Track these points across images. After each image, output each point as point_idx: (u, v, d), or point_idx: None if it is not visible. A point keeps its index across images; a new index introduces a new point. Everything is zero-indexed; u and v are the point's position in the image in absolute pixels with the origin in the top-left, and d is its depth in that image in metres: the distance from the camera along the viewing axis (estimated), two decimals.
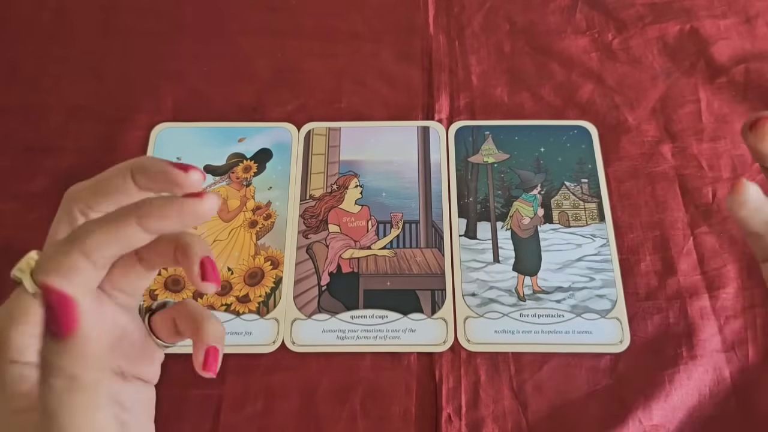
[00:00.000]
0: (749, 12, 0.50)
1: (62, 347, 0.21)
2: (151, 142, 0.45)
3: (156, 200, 0.21)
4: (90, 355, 0.22)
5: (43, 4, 0.52)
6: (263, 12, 0.51)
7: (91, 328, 0.21)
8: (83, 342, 0.21)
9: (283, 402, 0.37)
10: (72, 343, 0.21)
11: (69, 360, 0.21)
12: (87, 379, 0.22)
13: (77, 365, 0.21)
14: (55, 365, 0.21)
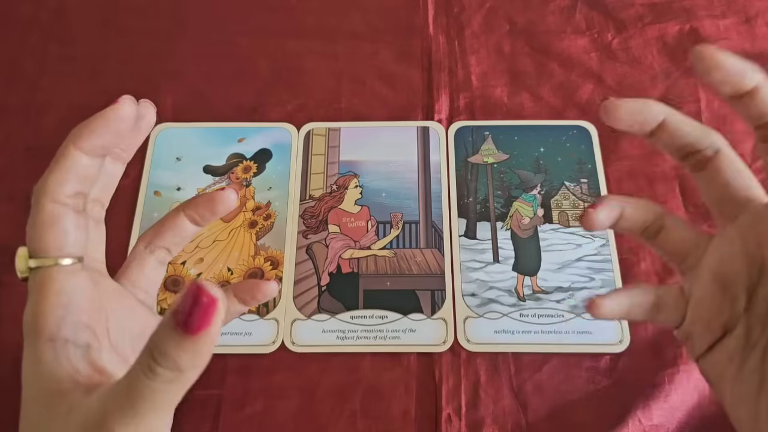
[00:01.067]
0: (749, 12, 0.50)
1: (186, 343, 0.21)
2: (151, 142, 0.45)
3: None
4: (204, 356, 0.22)
5: (43, 4, 0.52)
6: (263, 12, 0.51)
7: (217, 333, 0.21)
8: (206, 342, 0.21)
9: (283, 402, 0.37)
10: (197, 341, 0.21)
11: (186, 356, 0.22)
12: (189, 378, 0.22)
13: (190, 362, 0.22)
14: (170, 356, 0.21)
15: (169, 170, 0.44)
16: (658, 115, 0.26)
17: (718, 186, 0.26)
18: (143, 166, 0.44)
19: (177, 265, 0.41)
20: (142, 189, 0.43)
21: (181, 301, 0.20)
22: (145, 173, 0.44)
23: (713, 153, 0.27)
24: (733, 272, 0.25)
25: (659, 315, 0.28)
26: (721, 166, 0.26)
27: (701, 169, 0.27)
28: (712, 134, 0.27)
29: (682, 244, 0.28)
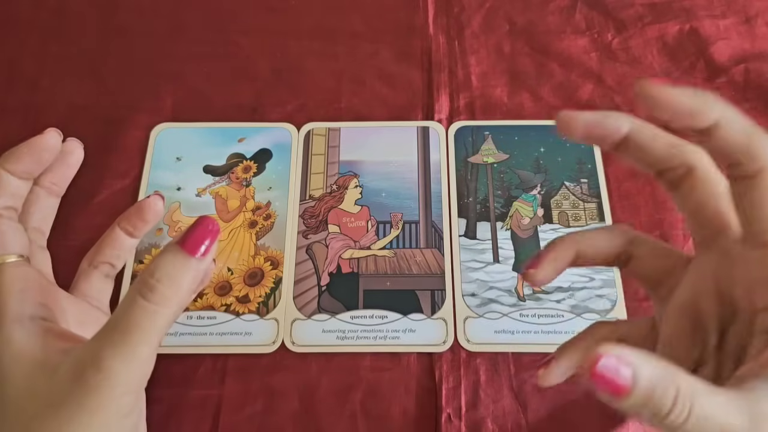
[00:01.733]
0: (749, 12, 0.50)
1: (191, 262, 0.24)
2: (150, 142, 0.45)
3: None
4: (201, 278, 0.26)
5: (43, 4, 0.52)
6: (263, 12, 0.51)
7: (208, 268, 0.27)
8: (206, 264, 0.25)
9: (283, 402, 0.37)
10: (201, 261, 0.25)
11: (188, 274, 0.25)
12: (183, 301, 0.25)
13: (190, 282, 0.25)
14: (173, 275, 0.24)
15: (169, 170, 0.44)
16: (620, 128, 0.23)
17: (692, 208, 0.24)
18: (143, 166, 0.44)
19: None
20: (142, 189, 0.43)
21: (188, 230, 0.24)
22: (145, 173, 0.44)
23: (686, 172, 0.24)
24: (705, 309, 0.23)
25: None
26: (694, 187, 0.24)
27: (674, 188, 0.25)
28: (687, 151, 0.24)
29: (655, 273, 0.26)
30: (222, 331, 0.39)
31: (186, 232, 0.24)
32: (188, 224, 0.41)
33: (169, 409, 0.37)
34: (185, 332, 0.38)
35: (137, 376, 0.24)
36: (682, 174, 0.24)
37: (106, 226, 0.42)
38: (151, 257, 0.41)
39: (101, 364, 0.23)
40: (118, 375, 0.23)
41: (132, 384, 0.24)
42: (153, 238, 0.41)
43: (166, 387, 0.37)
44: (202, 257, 0.24)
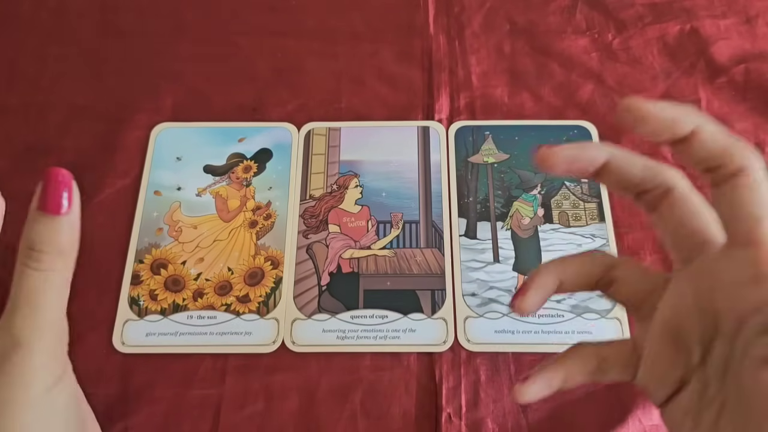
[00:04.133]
0: (749, 12, 0.50)
1: (60, 222, 0.25)
2: (151, 142, 0.45)
3: None
4: (77, 230, 0.26)
5: (43, 4, 0.52)
6: (263, 12, 0.51)
7: (78, 206, 0.26)
8: (75, 216, 0.25)
9: (283, 402, 0.37)
10: (69, 216, 0.25)
11: (65, 233, 0.25)
12: (72, 258, 0.26)
13: (69, 240, 0.25)
14: (50, 240, 0.25)
15: (170, 170, 0.44)
16: (597, 158, 0.24)
17: (671, 227, 0.24)
18: (143, 166, 0.44)
19: (177, 264, 0.41)
20: (142, 189, 0.43)
21: (43, 192, 0.25)
22: (145, 173, 0.44)
23: (664, 192, 0.24)
24: (686, 327, 0.23)
25: (605, 376, 0.26)
26: (673, 206, 0.24)
27: (653, 209, 0.25)
28: (664, 172, 0.24)
29: (635, 295, 0.26)
30: (222, 331, 0.39)
31: (41, 194, 0.25)
32: (188, 224, 0.42)
33: (169, 409, 0.36)
34: (185, 332, 0.38)
35: (51, 341, 0.25)
36: (660, 195, 0.24)
37: (106, 226, 0.42)
38: (151, 257, 0.41)
39: (18, 339, 0.24)
40: (32, 343, 0.24)
41: (48, 350, 0.25)
42: (153, 238, 0.41)
43: (166, 387, 0.37)
44: (68, 210, 0.25)
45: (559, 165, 0.23)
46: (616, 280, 0.26)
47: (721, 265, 0.22)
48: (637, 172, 0.24)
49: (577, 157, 0.24)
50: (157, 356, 0.38)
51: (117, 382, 0.37)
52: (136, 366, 0.38)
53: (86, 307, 0.39)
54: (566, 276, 0.26)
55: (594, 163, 0.24)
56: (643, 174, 0.24)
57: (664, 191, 0.24)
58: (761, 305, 0.20)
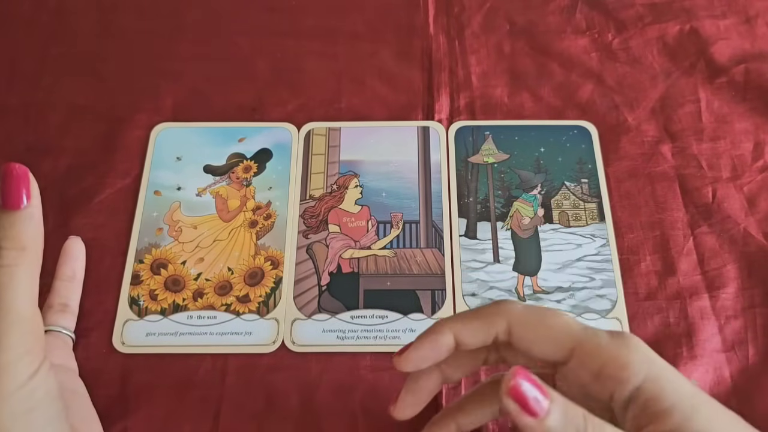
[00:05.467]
0: (749, 12, 0.50)
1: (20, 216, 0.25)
2: (151, 142, 0.45)
3: None
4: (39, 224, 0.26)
5: (43, 4, 0.52)
6: (263, 12, 0.51)
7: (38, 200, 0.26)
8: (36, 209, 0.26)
9: (283, 402, 0.37)
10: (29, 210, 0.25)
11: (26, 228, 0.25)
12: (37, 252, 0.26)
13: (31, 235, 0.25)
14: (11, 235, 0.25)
15: (170, 170, 0.44)
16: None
17: (529, 352, 0.26)
18: (143, 166, 0.44)
19: (177, 264, 0.41)
20: (142, 189, 0.43)
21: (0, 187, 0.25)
22: (145, 173, 0.44)
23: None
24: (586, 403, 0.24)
25: None
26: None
27: (502, 360, 0.28)
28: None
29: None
30: (222, 331, 0.39)
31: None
32: (188, 224, 0.42)
33: (169, 409, 0.36)
34: (185, 332, 0.38)
35: (21, 337, 0.25)
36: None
37: (106, 226, 0.42)
38: (151, 257, 0.41)
39: None
40: (7, 338, 0.24)
41: (19, 346, 0.25)
42: (153, 238, 0.41)
43: (166, 387, 0.37)
44: (28, 203, 0.26)
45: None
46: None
47: (567, 375, 0.26)
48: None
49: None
50: (157, 356, 0.38)
51: (117, 382, 0.37)
52: (136, 366, 0.38)
53: (86, 307, 0.39)
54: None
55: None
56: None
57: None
58: (610, 392, 0.24)
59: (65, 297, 0.37)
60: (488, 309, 0.27)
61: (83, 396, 0.34)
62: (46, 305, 0.37)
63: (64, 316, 0.37)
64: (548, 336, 0.26)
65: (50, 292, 0.37)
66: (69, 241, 0.40)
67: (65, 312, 0.37)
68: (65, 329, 0.37)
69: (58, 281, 0.38)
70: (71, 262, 0.39)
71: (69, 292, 0.38)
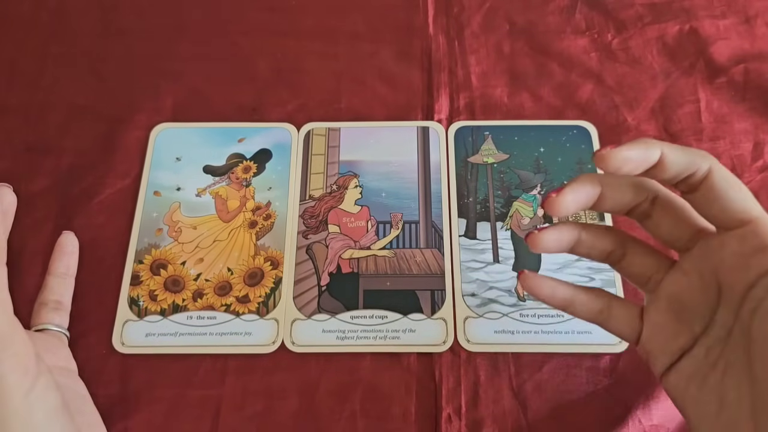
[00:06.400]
0: (748, 12, 0.50)
1: None
2: (150, 142, 0.45)
3: None
4: None
5: (43, 4, 0.52)
6: (263, 12, 0.51)
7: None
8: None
9: (283, 402, 0.37)
10: None
11: None
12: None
13: None
14: None
15: (169, 170, 0.44)
16: (594, 191, 0.27)
17: (666, 228, 0.28)
18: (143, 166, 0.44)
19: (177, 265, 0.41)
20: (141, 189, 0.43)
21: None
22: (145, 173, 0.44)
23: (652, 201, 0.28)
24: (689, 301, 0.26)
25: (607, 323, 0.29)
26: (665, 208, 0.27)
27: (647, 218, 0.28)
28: (646, 184, 0.27)
29: (643, 269, 0.29)
30: (222, 331, 0.39)
31: None
32: (188, 224, 0.42)
33: (169, 409, 0.37)
34: (185, 332, 0.39)
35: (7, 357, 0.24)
36: (649, 205, 0.28)
37: (106, 226, 0.42)
38: (151, 257, 0.41)
39: None
40: None
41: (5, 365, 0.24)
42: (153, 238, 0.41)
43: (166, 387, 0.37)
44: None
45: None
46: (627, 254, 0.29)
47: (722, 245, 0.25)
48: (629, 193, 0.27)
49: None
50: (157, 357, 0.38)
51: (117, 382, 0.37)
52: (136, 366, 0.38)
53: (86, 308, 0.39)
54: (583, 236, 0.29)
55: (593, 195, 0.27)
56: (634, 192, 0.27)
57: (652, 200, 0.28)
58: (760, 271, 0.24)
59: (59, 294, 0.37)
60: (695, 150, 0.26)
61: (85, 398, 0.34)
62: (39, 302, 0.37)
63: (58, 314, 0.37)
64: (743, 197, 0.25)
65: (43, 288, 0.37)
66: (62, 237, 0.39)
67: (59, 310, 0.37)
68: (60, 327, 0.36)
69: (52, 277, 0.38)
70: (65, 258, 0.39)
71: (63, 288, 0.38)
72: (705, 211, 0.26)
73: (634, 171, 0.25)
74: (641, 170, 0.25)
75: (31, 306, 0.37)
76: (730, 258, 0.25)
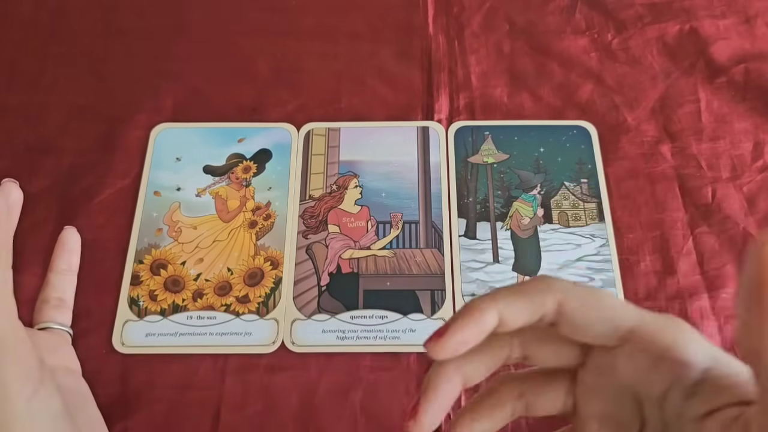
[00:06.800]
0: (749, 12, 0.50)
1: None
2: (150, 142, 0.45)
3: None
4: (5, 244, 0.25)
5: (43, 4, 0.52)
6: (263, 12, 0.51)
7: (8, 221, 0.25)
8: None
9: (283, 402, 0.37)
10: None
11: None
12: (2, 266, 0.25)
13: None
14: None
15: (169, 170, 0.44)
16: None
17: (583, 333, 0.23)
18: (143, 166, 0.44)
19: (177, 265, 0.41)
20: (141, 189, 0.43)
21: None
22: (145, 173, 0.44)
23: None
24: (615, 414, 0.23)
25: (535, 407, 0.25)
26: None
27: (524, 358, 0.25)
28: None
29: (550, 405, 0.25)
30: (222, 331, 0.39)
31: None
32: (188, 224, 0.42)
33: (169, 409, 0.37)
34: (185, 332, 0.39)
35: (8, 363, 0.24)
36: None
37: (107, 227, 0.42)
38: (151, 257, 0.41)
39: None
40: None
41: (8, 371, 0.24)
42: (153, 238, 0.41)
43: (166, 387, 0.37)
44: None
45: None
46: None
47: (613, 366, 0.22)
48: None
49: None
50: (157, 356, 0.38)
51: (117, 382, 0.37)
52: (136, 366, 0.38)
53: (86, 308, 0.39)
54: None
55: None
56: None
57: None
58: (671, 381, 0.22)
59: (61, 291, 0.37)
60: (534, 285, 0.22)
61: (87, 398, 0.34)
62: (41, 299, 0.36)
63: (61, 312, 0.37)
64: (606, 317, 0.22)
65: (45, 285, 0.37)
66: (65, 232, 0.39)
67: (62, 307, 0.37)
68: (63, 325, 0.36)
69: (54, 274, 0.37)
70: (67, 255, 0.38)
71: (65, 285, 0.38)
72: (578, 339, 0.23)
73: (475, 343, 0.22)
74: (481, 339, 0.22)
75: (31, 306, 0.37)
76: (629, 377, 0.22)
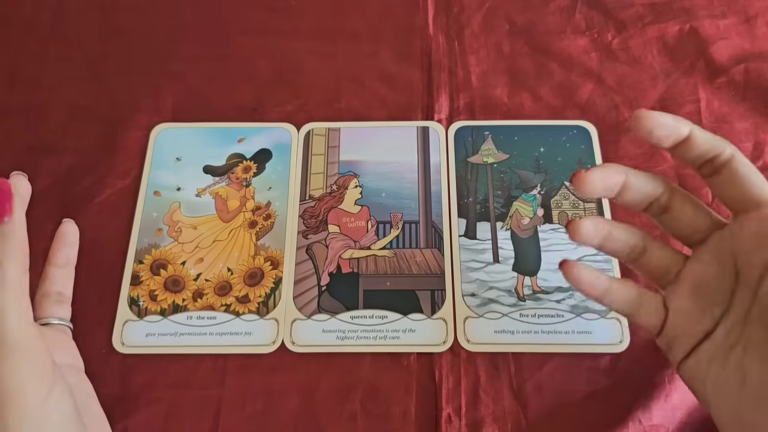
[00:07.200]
0: (749, 12, 0.50)
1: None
2: (150, 143, 0.45)
3: None
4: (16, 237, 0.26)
5: (43, 4, 0.52)
6: (263, 12, 0.51)
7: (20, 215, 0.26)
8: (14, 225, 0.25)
9: (283, 402, 0.37)
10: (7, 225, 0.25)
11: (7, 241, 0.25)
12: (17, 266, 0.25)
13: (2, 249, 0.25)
14: None
15: (169, 170, 0.44)
16: (621, 179, 0.29)
17: (682, 223, 0.29)
18: (143, 167, 0.44)
19: (177, 265, 0.41)
20: (141, 189, 0.43)
21: None
22: (145, 173, 0.44)
23: (668, 197, 0.29)
24: (709, 286, 0.28)
25: (640, 312, 0.30)
26: (683, 202, 0.29)
27: (663, 213, 0.30)
28: (663, 181, 0.29)
29: (662, 262, 0.30)
30: (222, 331, 0.39)
31: None
32: (188, 224, 0.42)
33: (169, 409, 0.37)
34: (185, 332, 0.39)
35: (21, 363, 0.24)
36: (667, 199, 0.29)
37: (107, 227, 0.42)
38: (151, 257, 0.41)
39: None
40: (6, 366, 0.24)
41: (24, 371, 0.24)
42: (153, 238, 0.41)
43: (166, 387, 0.37)
44: (9, 218, 0.25)
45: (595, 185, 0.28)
46: (647, 250, 0.30)
47: (740, 228, 0.27)
48: (651, 184, 0.29)
49: (605, 178, 0.28)
50: (157, 356, 0.38)
51: (117, 382, 0.37)
52: (136, 366, 0.38)
53: (86, 308, 0.39)
54: (614, 232, 0.30)
55: (618, 180, 0.28)
56: (654, 184, 0.29)
57: (668, 195, 0.29)
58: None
59: (60, 285, 0.36)
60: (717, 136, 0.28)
61: (91, 396, 0.34)
62: (40, 294, 0.36)
63: (61, 307, 0.36)
64: (758, 182, 0.27)
65: (43, 278, 0.36)
66: (64, 225, 0.38)
67: (61, 302, 0.36)
68: (63, 320, 0.36)
69: (53, 267, 0.37)
70: (66, 248, 0.37)
71: (64, 279, 0.37)
72: (726, 193, 0.27)
73: (665, 140, 0.27)
74: (671, 141, 0.27)
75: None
76: (749, 239, 0.26)
